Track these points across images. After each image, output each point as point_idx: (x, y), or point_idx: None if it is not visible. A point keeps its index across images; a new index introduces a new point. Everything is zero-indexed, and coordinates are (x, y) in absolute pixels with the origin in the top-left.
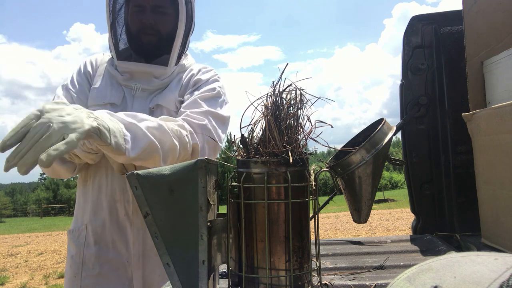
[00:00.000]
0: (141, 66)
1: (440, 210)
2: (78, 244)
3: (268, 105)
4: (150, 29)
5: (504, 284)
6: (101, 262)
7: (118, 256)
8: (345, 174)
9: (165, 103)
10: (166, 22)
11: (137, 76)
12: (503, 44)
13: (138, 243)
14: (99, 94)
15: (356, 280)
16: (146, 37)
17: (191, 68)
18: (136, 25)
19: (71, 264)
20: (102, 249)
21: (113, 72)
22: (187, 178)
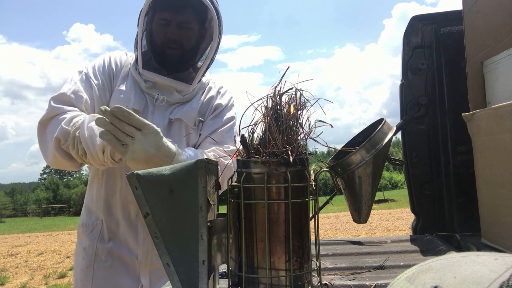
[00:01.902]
0: (167, 80)
1: (440, 210)
2: (91, 238)
3: (268, 105)
4: (174, 43)
5: (504, 284)
6: (113, 256)
7: (129, 253)
8: (345, 174)
9: (186, 118)
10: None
11: (160, 87)
12: (503, 44)
13: (147, 242)
14: (124, 98)
15: (356, 280)
16: (170, 51)
17: (209, 86)
18: (161, 38)
19: (84, 256)
20: (116, 244)
21: (137, 77)
22: (187, 178)
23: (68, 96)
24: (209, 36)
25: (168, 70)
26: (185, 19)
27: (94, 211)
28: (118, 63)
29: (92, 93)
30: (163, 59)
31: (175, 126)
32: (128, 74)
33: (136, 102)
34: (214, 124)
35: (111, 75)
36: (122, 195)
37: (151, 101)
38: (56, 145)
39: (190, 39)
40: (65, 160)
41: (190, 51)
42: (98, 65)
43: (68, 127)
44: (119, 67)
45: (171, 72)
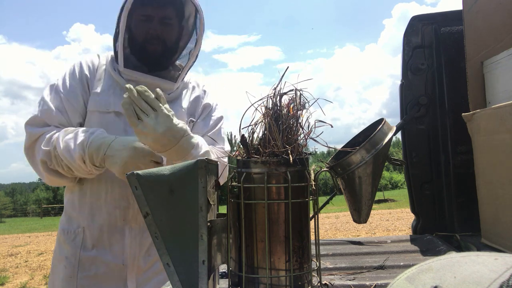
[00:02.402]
0: (151, 78)
1: (440, 210)
2: (74, 246)
3: (268, 106)
4: (156, 39)
5: (504, 284)
6: (98, 263)
7: (115, 259)
8: (345, 174)
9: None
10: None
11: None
12: (503, 44)
13: (134, 247)
14: (102, 101)
15: (356, 280)
16: (152, 47)
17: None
18: (142, 34)
19: (66, 265)
20: (100, 251)
21: (117, 77)
22: (187, 178)
23: (39, 118)
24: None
25: (149, 67)
26: (167, 14)
27: (75, 218)
28: (90, 66)
29: (63, 105)
30: (145, 56)
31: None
32: (104, 76)
33: (117, 104)
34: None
35: (84, 80)
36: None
37: None
38: (44, 167)
39: (172, 35)
40: (58, 179)
41: (171, 48)
42: (69, 73)
43: (48, 147)
44: (93, 70)
45: (152, 70)
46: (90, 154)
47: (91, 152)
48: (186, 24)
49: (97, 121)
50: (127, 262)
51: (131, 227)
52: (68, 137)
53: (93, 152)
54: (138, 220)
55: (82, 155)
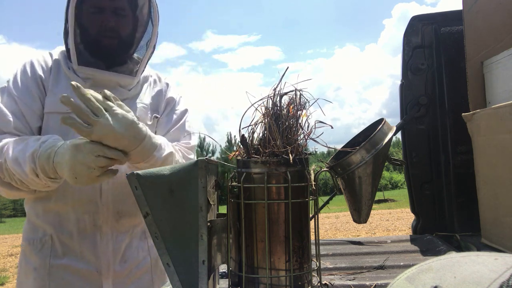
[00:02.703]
0: (109, 74)
1: (440, 210)
2: (42, 256)
3: (268, 106)
4: (111, 32)
5: (504, 284)
6: (71, 271)
7: (88, 266)
8: (345, 174)
9: (140, 115)
10: (126, 26)
11: (101, 83)
12: (503, 44)
13: (107, 253)
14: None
15: (356, 280)
16: (107, 40)
17: (154, 78)
18: (96, 27)
19: (35, 277)
20: (72, 259)
21: (72, 77)
22: (187, 178)
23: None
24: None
25: (106, 63)
26: (119, 5)
27: (40, 226)
28: (43, 65)
29: (19, 108)
30: (100, 50)
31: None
32: (59, 74)
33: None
34: (169, 121)
35: (39, 80)
36: (75, 207)
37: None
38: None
39: (126, 26)
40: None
41: (128, 40)
42: (21, 73)
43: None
44: (46, 69)
45: (109, 65)
46: (41, 166)
47: (42, 163)
48: (140, 14)
49: (56, 123)
50: (101, 269)
51: (102, 232)
52: (18, 148)
53: (44, 162)
54: (109, 224)
55: (34, 168)
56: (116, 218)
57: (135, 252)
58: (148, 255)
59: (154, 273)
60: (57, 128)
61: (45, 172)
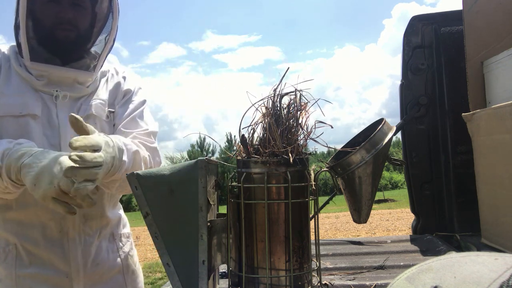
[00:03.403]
0: (65, 70)
1: (440, 210)
2: (7, 266)
3: (268, 106)
4: (68, 24)
5: (504, 284)
6: (39, 281)
7: (57, 273)
8: (345, 174)
9: (98, 113)
10: (85, 18)
11: (56, 81)
12: (503, 44)
13: (76, 257)
14: (13, 103)
15: (356, 280)
16: (63, 33)
17: (111, 72)
18: (50, 19)
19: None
20: (39, 268)
21: (25, 75)
22: (187, 178)
23: None
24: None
25: (62, 58)
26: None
27: (2, 235)
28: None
29: None
30: (55, 45)
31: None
32: (10, 73)
33: (31, 105)
34: (124, 112)
35: None
36: (39, 214)
37: (50, 100)
38: None
39: (85, 19)
40: None
41: (85, 34)
42: None
43: None
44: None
45: (66, 61)
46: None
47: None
48: (100, 6)
49: (10, 127)
50: (71, 275)
51: (70, 237)
52: None
53: (12, 160)
54: (76, 228)
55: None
56: (82, 221)
57: (105, 254)
58: (118, 256)
59: (126, 273)
60: (12, 131)
61: (8, 172)
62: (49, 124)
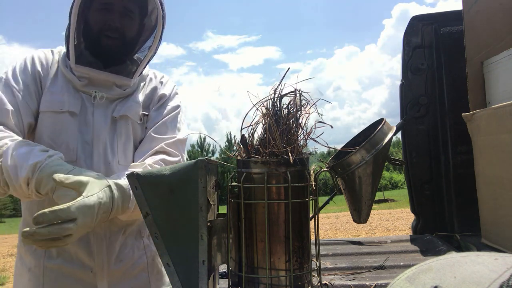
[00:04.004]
0: (105, 75)
1: (440, 210)
2: (37, 256)
3: (268, 106)
4: (115, 32)
5: (504, 284)
6: (65, 273)
7: (82, 267)
8: (345, 174)
9: (131, 114)
10: (132, 28)
11: (96, 83)
12: (503, 44)
13: (101, 253)
14: (55, 100)
15: (356, 280)
16: (109, 40)
17: (150, 77)
18: (99, 25)
19: (29, 278)
20: (66, 260)
21: (69, 75)
22: (187, 178)
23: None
24: (151, 28)
25: (104, 62)
26: (129, 7)
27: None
28: (43, 62)
29: (15, 101)
30: (100, 50)
31: (121, 124)
32: (57, 74)
33: (71, 103)
34: (158, 116)
35: (37, 76)
36: None
37: (89, 100)
38: None
39: (132, 29)
40: None
41: (130, 43)
42: (20, 67)
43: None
44: (46, 66)
45: (107, 65)
46: (39, 179)
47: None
48: (148, 18)
49: (50, 122)
50: (95, 270)
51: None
52: (20, 152)
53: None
54: (102, 225)
55: (30, 176)
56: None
57: (130, 251)
58: (144, 254)
59: (151, 272)
60: (50, 126)
61: (38, 186)
62: (85, 122)
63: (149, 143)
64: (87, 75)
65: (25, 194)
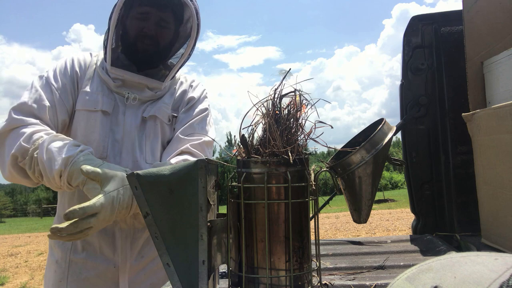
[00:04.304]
0: (138, 77)
1: (440, 210)
2: (64, 249)
3: (268, 106)
4: (150, 39)
5: (504, 284)
6: (88, 267)
7: (106, 262)
8: (345, 174)
9: (160, 115)
10: (166, 37)
11: (130, 84)
12: (503, 44)
13: (125, 249)
14: (90, 100)
15: (356, 280)
16: (144, 46)
17: (181, 80)
18: (135, 31)
19: (56, 269)
20: (90, 254)
21: (105, 77)
22: (187, 178)
23: (29, 106)
24: (185, 36)
25: (138, 66)
26: (165, 17)
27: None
28: (82, 64)
29: (53, 98)
30: (135, 54)
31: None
32: (94, 75)
33: (104, 103)
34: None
35: (75, 77)
36: None
37: (121, 101)
38: (13, 162)
39: (166, 38)
40: (21, 177)
41: (164, 49)
42: (60, 67)
43: (27, 144)
44: (84, 68)
45: (141, 69)
46: (70, 172)
47: (72, 171)
48: (182, 28)
49: (84, 120)
50: (118, 265)
51: (121, 229)
52: (55, 145)
53: (75, 171)
54: (127, 221)
55: (62, 169)
56: (132, 216)
57: (152, 248)
58: None
59: None
60: (84, 124)
61: (70, 178)
62: (116, 121)
63: (175, 144)
64: (121, 77)
65: (58, 186)
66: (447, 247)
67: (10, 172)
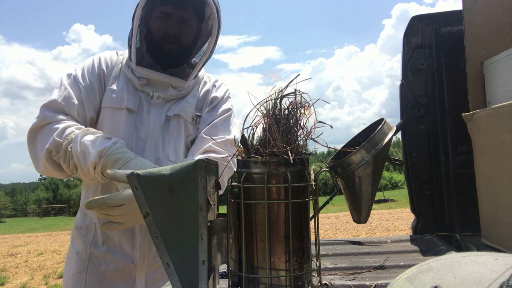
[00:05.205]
0: (162, 76)
1: (440, 210)
2: (85, 241)
3: (268, 106)
4: (174, 38)
5: (504, 284)
6: (107, 261)
7: (124, 257)
8: (345, 174)
9: (184, 114)
10: (189, 35)
11: (154, 83)
12: (503, 44)
13: (144, 245)
14: (116, 97)
15: (356, 280)
16: (168, 45)
17: (204, 80)
18: (160, 32)
19: (76, 260)
20: (110, 249)
21: (130, 75)
22: (187, 178)
23: (59, 103)
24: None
25: (162, 65)
26: (187, 16)
27: (89, 213)
28: (108, 63)
29: (81, 96)
30: (160, 54)
31: (173, 122)
32: (120, 74)
33: (129, 101)
34: (209, 117)
35: (102, 76)
36: None
37: (146, 99)
38: (47, 156)
39: (189, 36)
40: (55, 171)
41: (187, 48)
42: (88, 66)
43: (60, 139)
44: (110, 67)
45: (165, 68)
46: (104, 164)
47: (106, 163)
48: (204, 25)
49: (109, 117)
50: (136, 261)
51: (142, 226)
52: (88, 139)
53: (109, 163)
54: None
55: (97, 161)
56: None
57: None
58: None
59: None
60: (110, 121)
61: (104, 170)
62: (140, 119)
63: (199, 144)
64: (146, 76)
65: (92, 177)
66: (447, 247)
67: (45, 165)
